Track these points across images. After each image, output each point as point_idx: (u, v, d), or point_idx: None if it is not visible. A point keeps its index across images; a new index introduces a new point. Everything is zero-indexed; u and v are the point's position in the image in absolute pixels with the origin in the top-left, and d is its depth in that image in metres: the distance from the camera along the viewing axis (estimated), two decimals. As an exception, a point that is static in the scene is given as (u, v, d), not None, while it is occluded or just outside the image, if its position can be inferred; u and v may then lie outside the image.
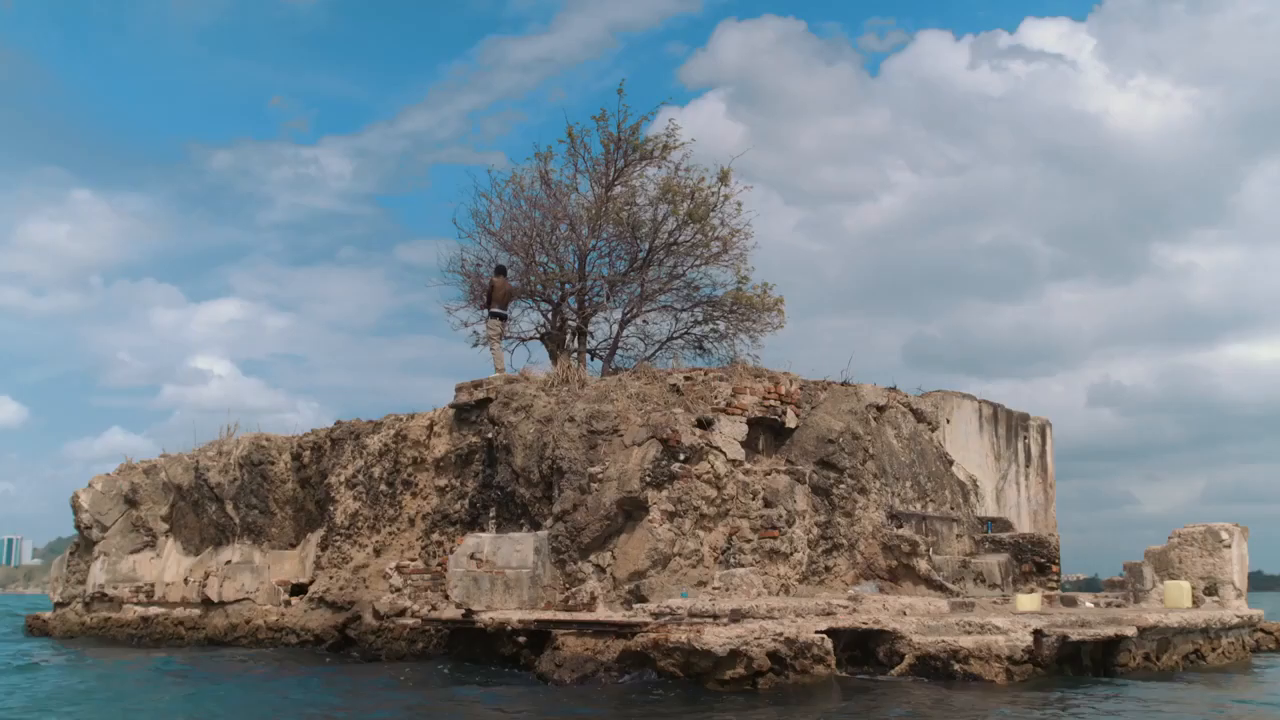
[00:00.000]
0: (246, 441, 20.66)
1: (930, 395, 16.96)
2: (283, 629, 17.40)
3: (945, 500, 16.24)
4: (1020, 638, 11.01)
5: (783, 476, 13.86)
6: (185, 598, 20.52)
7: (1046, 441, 19.44)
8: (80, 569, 23.38)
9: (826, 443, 14.42)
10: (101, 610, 22.21)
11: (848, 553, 14.38)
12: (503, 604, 13.51)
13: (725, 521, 13.64)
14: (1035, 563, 15.42)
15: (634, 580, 12.71)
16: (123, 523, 22.85)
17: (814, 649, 10.83)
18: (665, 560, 12.85)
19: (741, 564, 13.41)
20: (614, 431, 13.62)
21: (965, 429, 17.40)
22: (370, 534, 17.52)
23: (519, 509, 14.40)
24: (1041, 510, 18.95)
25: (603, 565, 12.96)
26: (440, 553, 16.56)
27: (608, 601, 12.73)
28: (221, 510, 20.57)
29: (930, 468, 16.22)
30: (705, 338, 23.34)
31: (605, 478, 13.10)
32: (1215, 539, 15.08)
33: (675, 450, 13.20)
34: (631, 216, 22.34)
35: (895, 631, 11.55)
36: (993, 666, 10.93)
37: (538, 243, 22.25)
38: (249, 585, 18.93)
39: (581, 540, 13.03)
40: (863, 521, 14.57)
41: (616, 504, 12.94)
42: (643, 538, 12.87)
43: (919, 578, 14.28)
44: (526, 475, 14.25)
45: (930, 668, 11.19)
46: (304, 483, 19.50)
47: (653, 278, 22.57)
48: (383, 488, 17.62)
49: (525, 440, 14.37)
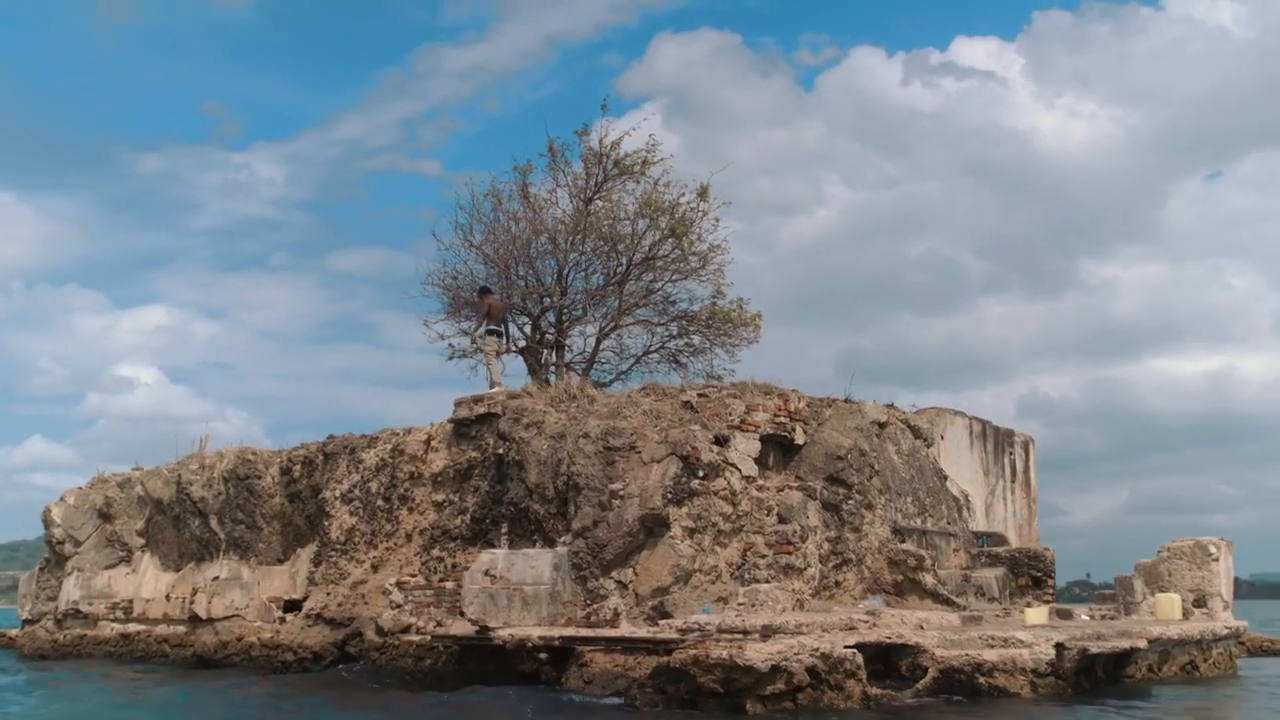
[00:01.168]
0: (231, 455, 20.40)
1: (925, 412, 17.33)
2: (278, 646, 17.18)
3: (942, 515, 16.60)
4: (1044, 651, 11.34)
5: (796, 493, 14.07)
6: (168, 614, 20.17)
7: (1030, 457, 19.95)
8: (51, 585, 22.86)
9: (835, 459, 14.68)
10: (75, 627, 21.74)
11: (856, 568, 14.63)
12: (520, 620, 13.53)
13: (739, 537, 13.82)
14: (1031, 576, 15.81)
15: (657, 596, 12.82)
16: (97, 537, 22.39)
17: (846, 664, 11.03)
18: (687, 576, 12.99)
19: (757, 579, 13.58)
20: (631, 448, 13.73)
21: (957, 445, 17.79)
22: (367, 549, 17.40)
23: (532, 525, 14.43)
24: (1025, 524, 19.43)
25: (625, 581, 13.05)
26: (441, 569, 16.52)
27: (630, 618, 12.82)
28: (205, 525, 20.27)
29: (928, 483, 16.57)
30: (680, 352, 23.57)
31: (626, 494, 13.21)
32: (1204, 553, 15.63)
33: (695, 467, 13.36)
34: (611, 230, 22.46)
35: (918, 645, 11.81)
36: (1017, 679, 11.24)
37: (517, 256, 22.32)
38: (239, 602, 18.67)
39: (604, 557, 13.11)
40: (869, 537, 14.85)
41: (639, 520, 13.06)
42: (665, 554, 12.99)
43: (925, 592, 14.58)
44: (541, 491, 14.30)
45: (954, 681, 11.46)
46: (293, 497, 19.29)
47: (630, 291, 22.76)
48: (379, 503, 17.52)
49: (539, 456, 14.42)
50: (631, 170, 23.07)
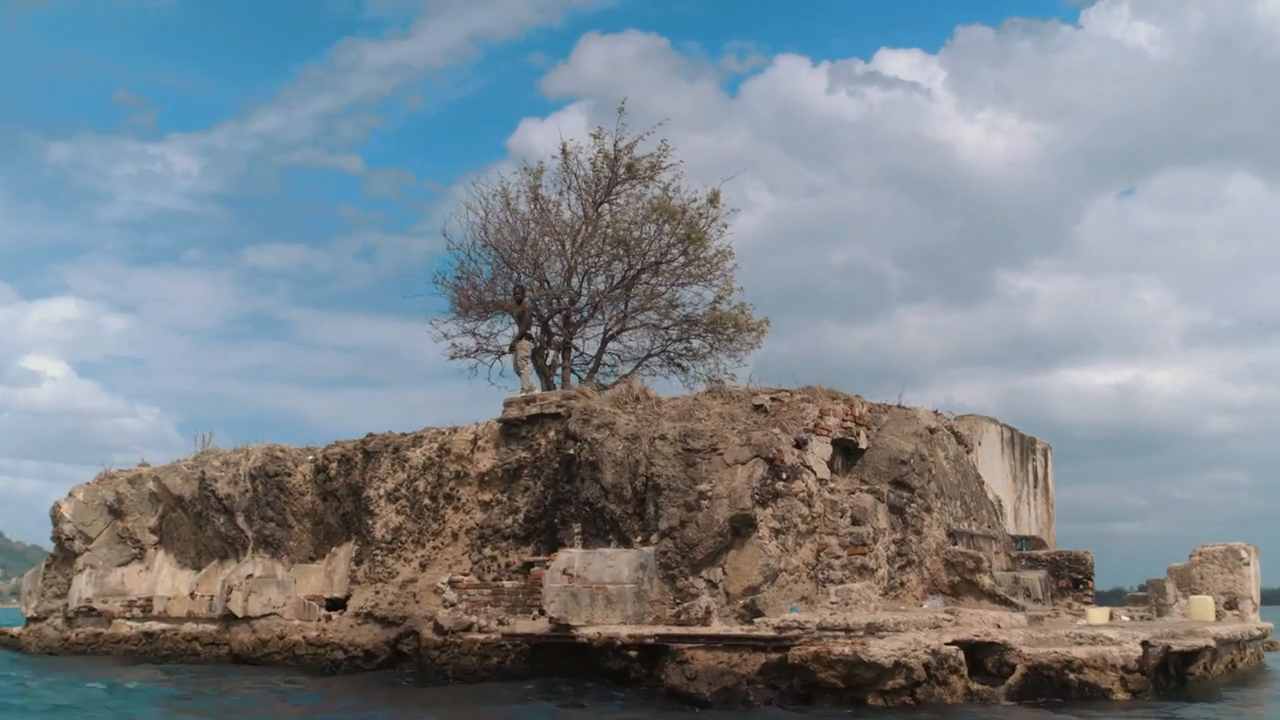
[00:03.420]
0: (258, 452, 20.25)
1: (965, 419, 17.90)
2: (325, 644, 17.10)
3: (983, 519, 17.17)
4: (1132, 649, 11.86)
5: (867, 495, 14.50)
6: (193, 612, 19.92)
7: (1048, 464, 20.67)
8: (59, 582, 22.39)
9: (899, 463, 15.14)
10: (88, 625, 21.33)
11: (917, 569, 15.10)
12: (604, 619, 13.72)
13: (813, 538, 14.20)
14: (1072, 578, 16.44)
15: (748, 595, 13.13)
16: (108, 534, 22.02)
17: (950, 660, 11.46)
18: (774, 576, 13.33)
19: (830, 579, 13.99)
20: (712, 450, 14.02)
21: (990, 451, 18.39)
22: (415, 548, 17.43)
23: (607, 525, 14.63)
24: (1045, 528, 20.13)
25: (714, 581, 13.33)
26: (495, 568, 16.64)
27: (721, 616, 13.10)
28: (231, 522, 20.07)
29: (971, 488, 17.13)
30: (682, 355, 23.87)
31: (715, 495, 13.49)
32: (1235, 557, 16.40)
33: (779, 469, 13.70)
34: (621, 234, 22.68)
35: (1005, 643, 12.28)
36: (1108, 675, 11.74)
37: (529, 258, 22.49)
38: (276, 600, 18.53)
39: (694, 556, 13.38)
40: (928, 539, 15.33)
41: (728, 521, 13.35)
42: (754, 554, 13.30)
43: (981, 593, 15.09)
44: (618, 492, 14.51)
45: (1043, 678, 11.91)
46: (326, 495, 19.21)
47: (637, 294, 23.03)
48: (426, 501, 17.56)
49: (615, 457, 14.62)
50: (641, 175, 23.33)
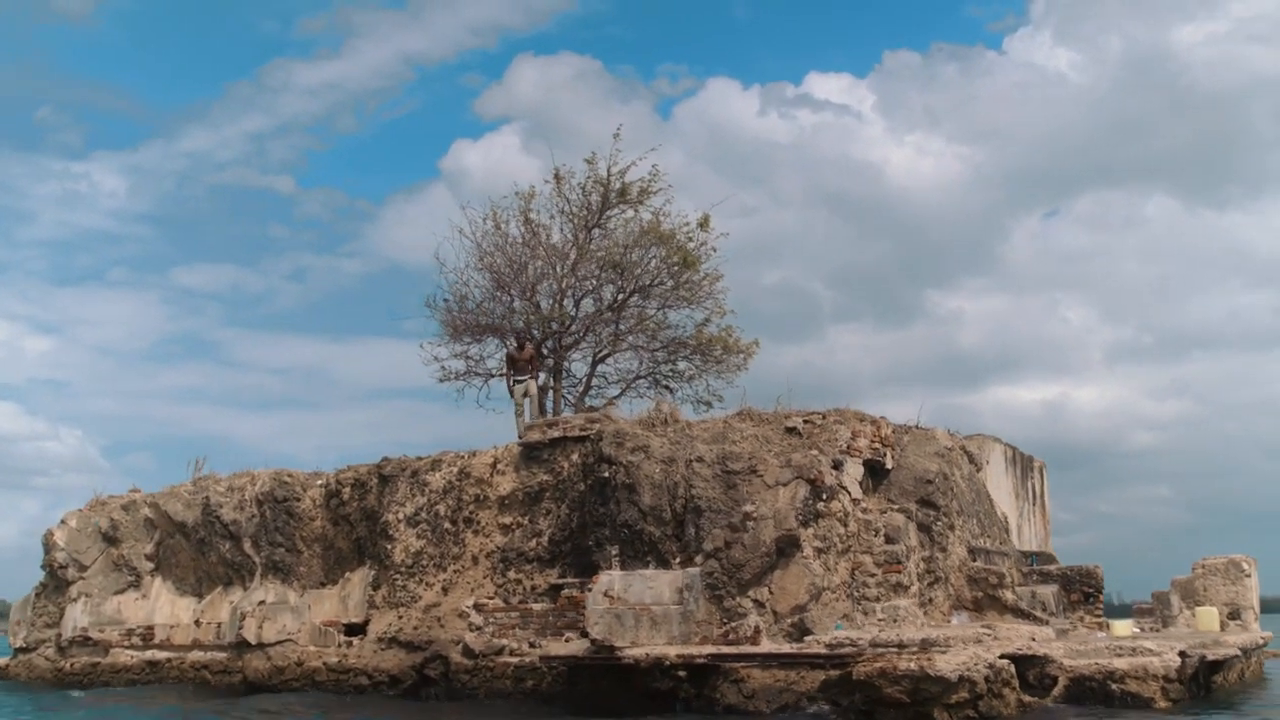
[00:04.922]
0: (265, 477, 20.08)
1: (974, 439, 18.40)
2: (348, 670, 17.01)
3: (996, 536, 17.66)
4: (1171, 659, 12.34)
5: (898, 514, 14.88)
6: (198, 640, 19.63)
7: (1044, 481, 21.28)
8: (50, 611, 21.90)
9: (925, 483, 15.56)
10: (83, 655, 20.88)
11: (944, 585, 15.51)
12: (649, 640, 13.88)
13: (848, 557, 14.52)
14: (1083, 592, 16.95)
15: (795, 614, 13.39)
16: (103, 561, 21.61)
17: (1003, 673, 11.82)
18: (818, 594, 13.62)
19: (866, 596, 14.33)
20: (752, 471, 14.29)
21: (996, 470, 18.92)
22: (437, 572, 17.42)
23: (645, 546, 14.80)
24: (1042, 544, 20.69)
25: (761, 600, 13.57)
26: (520, 590, 16.71)
27: (770, 635, 13.35)
28: (237, 549, 19.85)
29: (984, 506, 17.62)
30: (668, 377, 24.14)
31: (759, 516, 13.76)
32: (1238, 569, 17.08)
33: (820, 490, 14.02)
34: (621, 258, 22.95)
35: (1046, 655, 12.70)
36: (1150, 685, 12.19)
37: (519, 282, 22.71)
38: (290, 626, 18.36)
39: (741, 576, 13.61)
40: (952, 556, 15.76)
41: (774, 541, 13.62)
42: (799, 573, 13.58)
43: (1005, 608, 15.54)
44: (657, 514, 14.71)
45: (1085, 689, 12.35)
46: (338, 520, 19.12)
47: (627, 316, 23.32)
48: (447, 525, 17.58)
49: (653, 480, 14.82)
50: (632, 199, 23.62)
